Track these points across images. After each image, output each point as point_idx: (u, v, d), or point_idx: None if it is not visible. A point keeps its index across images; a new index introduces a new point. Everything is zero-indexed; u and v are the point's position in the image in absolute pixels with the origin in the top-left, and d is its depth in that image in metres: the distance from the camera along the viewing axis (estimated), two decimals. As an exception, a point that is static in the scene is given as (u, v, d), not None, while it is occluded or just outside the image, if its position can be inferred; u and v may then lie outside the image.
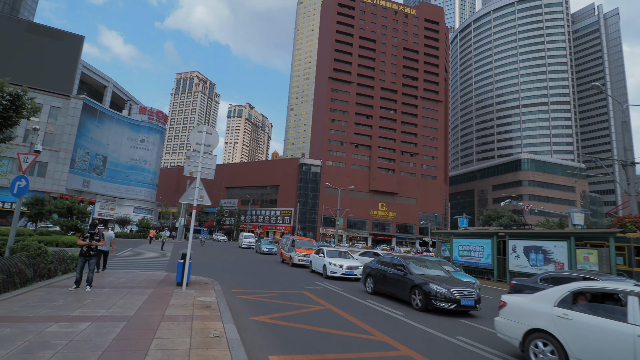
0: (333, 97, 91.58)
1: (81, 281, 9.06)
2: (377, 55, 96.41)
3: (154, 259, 20.86)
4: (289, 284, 14.08)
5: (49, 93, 50.20)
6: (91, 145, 54.63)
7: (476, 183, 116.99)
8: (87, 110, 53.24)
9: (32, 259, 9.11)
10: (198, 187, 9.82)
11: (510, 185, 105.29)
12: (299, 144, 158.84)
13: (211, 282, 11.84)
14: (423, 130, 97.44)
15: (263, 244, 34.68)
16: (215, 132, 10.14)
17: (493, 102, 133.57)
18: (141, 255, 22.71)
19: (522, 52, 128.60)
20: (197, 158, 9.84)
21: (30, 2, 76.18)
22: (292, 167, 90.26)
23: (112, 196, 58.15)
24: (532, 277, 10.54)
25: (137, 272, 13.26)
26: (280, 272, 18.47)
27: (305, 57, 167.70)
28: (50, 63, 51.26)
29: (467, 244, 21.32)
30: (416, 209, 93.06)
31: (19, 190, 9.10)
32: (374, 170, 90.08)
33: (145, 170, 62.80)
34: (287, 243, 24.50)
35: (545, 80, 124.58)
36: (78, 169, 52.46)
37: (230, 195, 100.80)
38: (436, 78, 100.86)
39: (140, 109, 62.76)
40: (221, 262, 22.09)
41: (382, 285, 12.21)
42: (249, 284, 13.20)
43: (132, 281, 10.87)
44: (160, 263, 18.95)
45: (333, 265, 16.65)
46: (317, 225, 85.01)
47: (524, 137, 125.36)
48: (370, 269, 13.11)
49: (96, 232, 9.19)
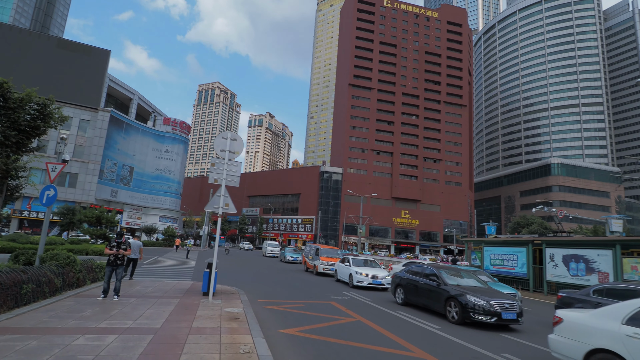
0: (353, 104, 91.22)
1: (109, 291, 8.98)
2: (398, 60, 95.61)
3: (180, 268, 20.89)
4: (315, 293, 13.67)
5: (78, 106, 52.03)
6: (118, 156, 56.17)
7: (503, 189, 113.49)
8: (114, 122, 54.86)
9: (61, 268, 9.09)
10: (223, 194, 9.61)
11: (539, 191, 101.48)
12: (320, 152, 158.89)
13: (237, 291, 11.58)
14: (446, 136, 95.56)
15: (288, 253, 33.78)
16: (240, 139, 9.94)
17: (520, 105, 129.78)
18: (167, 264, 22.83)
19: (551, 52, 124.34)
20: (221, 165, 9.66)
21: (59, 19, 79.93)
22: (313, 175, 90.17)
23: (138, 205, 59.48)
24: (583, 289, 9.75)
25: (164, 281, 13.18)
26: (304, 281, 18.09)
27: (324, 65, 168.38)
28: (79, 77, 53.23)
29: (499, 252, 20.35)
30: (440, 216, 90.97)
31: (48, 199, 9.13)
32: (396, 177, 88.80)
33: (170, 180, 64.07)
34: (310, 251, 24.12)
35: (576, 80, 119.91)
36: (106, 180, 53.96)
37: (252, 204, 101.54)
38: (459, 82, 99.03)
39: (164, 120, 64.29)
40: (246, 270, 21.91)
41: (413, 296, 11.63)
42: (275, 293, 12.88)
43: (159, 290, 10.73)
44: (186, 272, 18.94)
45: (359, 274, 16.14)
46: (338, 233, 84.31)
47: (554, 140, 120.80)
48: (400, 278, 12.55)
49: (123, 241, 9.10)
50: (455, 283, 10.45)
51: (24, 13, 74.15)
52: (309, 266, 23.61)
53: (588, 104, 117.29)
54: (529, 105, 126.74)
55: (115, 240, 9.03)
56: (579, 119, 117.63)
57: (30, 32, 53.76)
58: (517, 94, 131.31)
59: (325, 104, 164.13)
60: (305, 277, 20.28)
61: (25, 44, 51.03)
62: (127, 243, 9.16)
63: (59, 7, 79.95)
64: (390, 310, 10.94)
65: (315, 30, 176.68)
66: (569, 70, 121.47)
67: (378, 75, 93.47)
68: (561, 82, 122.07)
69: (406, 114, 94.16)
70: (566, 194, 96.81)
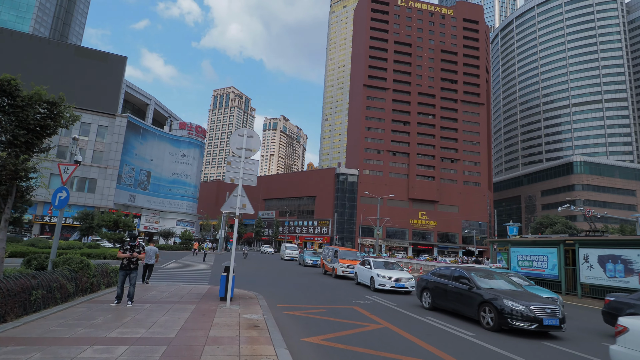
0: (368, 105, 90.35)
1: (122, 296, 8.60)
2: (413, 59, 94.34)
3: (197, 271, 20.59)
4: (336, 297, 13.07)
5: (96, 113, 52.88)
6: (136, 161, 56.80)
7: (523, 189, 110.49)
8: (131, 127, 55.52)
9: (74, 272, 8.75)
10: (240, 194, 9.13)
11: (561, 190, 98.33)
12: (335, 154, 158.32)
13: (255, 296, 11.07)
14: (464, 135, 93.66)
15: (307, 256, 32.31)
16: (257, 136, 9.46)
17: (540, 103, 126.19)
18: (184, 267, 22.58)
19: (571, 48, 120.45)
20: (238, 163, 9.18)
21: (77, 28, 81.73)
22: (328, 177, 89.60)
23: (156, 210, 60.02)
24: (635, 293, 8.87)
25: (180, 285, 12.79)
26: (324, 284, 17.49)
27: (338, 67, 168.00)
28: (97, 84, 54.10)
29: (527, 254, 19.32)
30: (458, 217, 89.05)
31: (60, 202, 8.81)
32: (413, 178, 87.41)
33: (187, 184, 64.52)
34: (329, 254, 23.51)
35: (599, 76, 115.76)
36: (124, 185, 54.59)
37: (268, 207, 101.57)
38: (477, 80, 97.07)
39: (180, 124, 64.86)
40: (263, 274, 21.47)
41: (441, 300, 10.90)
42: (295, 298, 12.33)
43: (175, 295, 10.32)
44: (202, 275, 18.60)
45: (382, 277, 15.44)
46: (355, 235, 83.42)
47: (575, 138, 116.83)
48: (426, 282, 11.83)
49: (137, 244, 8.70)
50: (488, 286, 9.69)
51: (44, 23, 76.16)
52: (328, 269, 23.01)
53: (611, 100, 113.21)
54: (549, 102, 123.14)
55: (129, 243, 8.65)
56: (602, 115, 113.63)
57: (49, 41, 55.03)
58: (536, 91, 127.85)
59: (339, 106, 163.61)
60: (324, 280, 19.68)
61: (44, 52, 52.21)
62: (140, 246, 8.77)
63: (77, 16, 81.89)
64: (417, 316, 10.25)
65: (329, 32, 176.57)
66: (591, 66, 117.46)
67: (393, 75, 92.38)
68: (583, 77, 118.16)
69: (422, 114, 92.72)
70: (590, 193, 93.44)
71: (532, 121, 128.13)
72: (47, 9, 77.27)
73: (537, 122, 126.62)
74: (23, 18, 74.67)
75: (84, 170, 50.91)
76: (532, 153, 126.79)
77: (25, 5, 74.90)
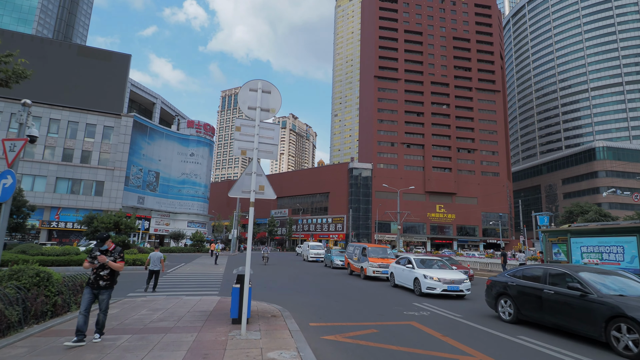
0: (380, 97, 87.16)
1: (85, 328, 5.58)
2: (424, 48, 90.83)
3: (207, 276, 18.02)
4: (380, 306, 10.31)
5: (101, 113, 50.88)
6: (143, 162, 54.73)
7: (543, 178, 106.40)
8: (138, 127, 53.44)
9: (23, 291, 6.12)
10: (255, 172, 6.40)
11: (583, 178, 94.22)
12: (346, 149, 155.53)
13: (279, 312, 8.32)
14: (480, 124, 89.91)
15: (335, 256, 27.19)
16: (276, 91, 6.71)
17: (556, 88, 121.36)
18: (193, 271, 20.09)
19: (588, 30, 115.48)
20: (250, 129, 6.44)
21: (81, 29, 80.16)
22: (341, 172, 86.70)
23: (166, 211, 57.91)
24: None
25: (182, 299, 10.08)
26: (356, 288, 14.73)
27: (346, 62, 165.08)
28: (101, 84, 52.13)
29: (595, 244, 16.30)
30: (477, 209, 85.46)
31: (4, 191, 6.20)
32: (429, 170, 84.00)
33: (197, 184, 62.27)
34: (355, 252, 20.68)
35: (618, 58, 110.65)
36: (132, 186, 52.57)
37: (281, 206, 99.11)
38: (491, 66, 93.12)
39: (188, 123, 62.58)
40: (284, 277, 18.78)
41: (532, 311, 8.01)
42: (329, 310, 9.59)
43: (171, 316, 7.63)
44: (212, 281, 15.98)
45: (430, 278, 12.56)
46: (371, 231, 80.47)
47: (596, 123, 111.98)
48: (503, 285, 8.93)
49: (110, 248, 5.94)
50: (614, 292, 6.79)
51: (46, 24, 74.60)
52: (354, 269, 20.23)
53: (633, 82, 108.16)
54: (566, 87, 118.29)
55: (98, 249, 5.86)
56: (623, 99, 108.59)
57: (51, 41, 53.22)
58: (552, 77, 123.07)
59: (349, 101, 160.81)
60: (354, 282, 16.93)
61: (46, 53, 50.35)
62: (116, 251, 5.97)
63: (80, 17, 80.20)
64: (506, 335, 7.39)
65: (335, 27, 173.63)
66: (609, 47, 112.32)
67: (404, 65, 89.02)
68: (601, 60, 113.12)
69: (436, 104, 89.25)
70: (614, 179, 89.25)
71: (549, 108, 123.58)
72: (49, 10, 75.53)
73: (554, 108, 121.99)
74: (25, 20, 73.25)
75: (90, 172, 49.01)
76: (551, 141, 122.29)
77: (27, 7, 73.42)
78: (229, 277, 18.02)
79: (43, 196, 45.87)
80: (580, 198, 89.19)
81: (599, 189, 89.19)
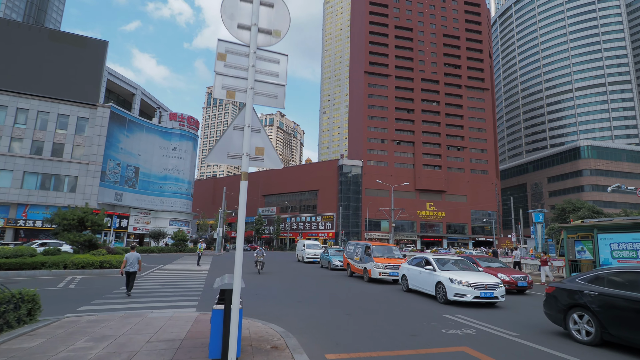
0: (370, 93, 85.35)
1: None
2: (415, 44, 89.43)
3: (187, 280, 15.50)
4: (406, 321, 8.07)
5: (75, 103, 47.38)
6: (121, 156, 51.35)
7: (528, 176, 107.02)
8: (115, 119, 50.07)
9: None
10: (250, 125, 4.04)
11: (569, 176, 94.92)
12: (334, 147, 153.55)
13: (282, 338, 5.93)
14: (470, 122, 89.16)
15: (334, 256, 24.27)
16: (282, 3, 4.39)
17: (542, 88, 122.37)
18: (172, 274, 17.51)
19: (573, 31, 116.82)
20: (242, 58, 4.09)
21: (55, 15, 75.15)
22: (331, 169, 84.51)
23: (146, 209, 54.58)
24: None
25: (146, 316, 7.53)
26: (365, 294, 12.48)
27: (335, 59, 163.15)
28: (75, 71, 48.53)
29: (629, 240, 14.48)
30: (467, 207, 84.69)
31: None
32: (419, 167, 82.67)
33: (180, 180, 58.99)
34: (356, 251, 18.39)
35: (601, 59, 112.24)
36: (109, 182, 49.18)
37: (268, 203, 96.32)
38: (480, 64, 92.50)
39: (171, 115, 59.23)
40: (278, 282, 16.36)
41: (629, 330, 5.89)
42: (344, 327, 7.30)
43: (120, 352, 5.15)
44: (192, 288, 13.47)
45: (458, 283, 10.38)
46: (361, 229, 78.57)
47: (580, 122, 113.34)
48: (579, 295, 6.74)
49: None
50: None
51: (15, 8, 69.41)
52: (356, 270, 17.98)
53: (614, 83, 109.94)
54: (551, 87, 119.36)
55: None
56: (606, 99, 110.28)
57: (20, 24, 49.18)
58: (538, 77, 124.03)
59: (337, 99, 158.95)
60: (358, 286, 14.68)
61: (14, 37, 46.45)
62: None
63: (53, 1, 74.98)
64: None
65: (324, 24, 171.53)
66: (593, 49, 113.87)
67: (395, 61, 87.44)
68: (585, 61, 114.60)
69: (426, 101, 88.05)
70: (598, 178, 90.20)
71: (534, 107, 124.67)
72: (19, -9, 70.54)
73: (539, 108, 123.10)
74: (-8, 3, 68.33)
75: (62, 167, 45.48)
76: (536, 140, 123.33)
77: (-6, -11, 68.40)
78: (212, 280, 15.54)
79: (9, 192, 42.22)
80: (565, 196, 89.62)
81: (583, 187, 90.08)
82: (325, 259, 25.79)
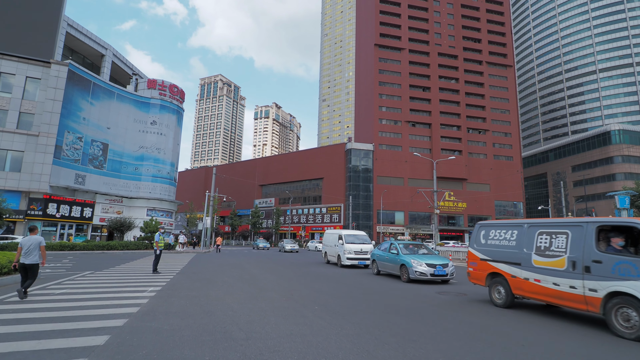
0: (381, 68, 75.26)
1: None
2: (430, 15, 79.33)
3: (107, 305, 5.47)
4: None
5: (23, 59, 36.86)
6: (84, 129, 40.89)
7: (549, 165, 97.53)
8: (77, 81, 39.60)
9: None
10: None
11: (597, 164, 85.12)
12: (335, 137, 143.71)
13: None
14: (492, 102, 79.47)
15: (411, 256, 12.35)
16: None
17: (561, 70, 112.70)
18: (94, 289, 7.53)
19: (595, 8, 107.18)
20: None
21: None
22: (337, 155, 74.38)
23: (117, 195, 44.15)
24: None
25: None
26: None
27: (335, 42, 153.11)
28: (22, 21, 38.13)
29: None
30: (490, 196, 75.16)
31: None
32: (437, 152, 72.75)
33: (160, 160, 48.39)
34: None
35: (628, 37, 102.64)
36: (68, 160, 38.75)
37: (266, 194, 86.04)
38: (502, 38, 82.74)
39: (149, 82, 48.50)
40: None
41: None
42: None
43: None
44: (100, 326, 3.34)
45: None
46: (372, 222, 68.73)
47: (605, 106, 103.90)
48: None
49: None
50: None
51: None
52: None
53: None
54: (572, 69, 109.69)
55: None
56: (634, 80, 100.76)
57: (-52, -43, 38.72)
58: (557, 58, 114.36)
59: (338, 85, 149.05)
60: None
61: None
62: None
63: None
64: None
65: (323, 6, 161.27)
66: (619, 26, 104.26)
67: (408, 34, 77.33)
68: (609, 40, 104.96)
69: (444, 78, 78.15)
70: (632, 165, 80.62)
71: (553, 91, 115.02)
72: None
73: (559, 91, 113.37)
74: None
75: (3, 139, 35.06)
76: (555, 126, 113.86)
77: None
78: (146, 318, 5.39)
79: None
80: (593, 186, 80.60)
81: (614, 175, 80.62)
82: (393, 262, 13.28)
